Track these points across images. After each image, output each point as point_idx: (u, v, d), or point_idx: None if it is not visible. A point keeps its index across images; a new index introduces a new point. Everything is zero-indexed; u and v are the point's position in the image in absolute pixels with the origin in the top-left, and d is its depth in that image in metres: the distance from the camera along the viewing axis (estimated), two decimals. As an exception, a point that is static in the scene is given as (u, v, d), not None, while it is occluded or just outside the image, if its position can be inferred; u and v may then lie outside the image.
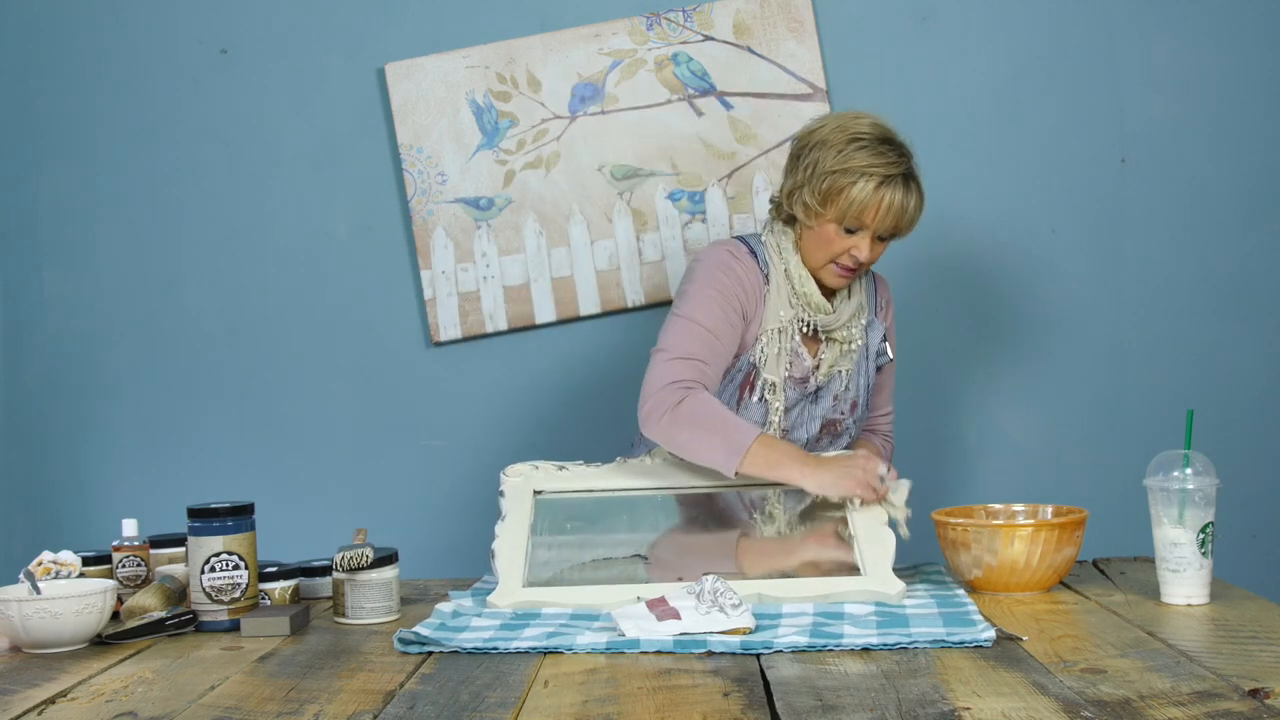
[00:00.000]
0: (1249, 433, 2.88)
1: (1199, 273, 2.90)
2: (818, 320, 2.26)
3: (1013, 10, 2.90)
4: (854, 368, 2.33)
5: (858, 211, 2.17)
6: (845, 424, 2.33)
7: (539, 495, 2.11)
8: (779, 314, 2.25)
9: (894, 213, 2.18)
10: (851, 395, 2.33)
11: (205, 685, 1.58)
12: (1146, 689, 1.43)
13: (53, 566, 1.95)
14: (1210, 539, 1.86)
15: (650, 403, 2.15)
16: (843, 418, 2.33)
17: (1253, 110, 2.89)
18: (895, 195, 2.17)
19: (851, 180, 2.16)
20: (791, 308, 2.26)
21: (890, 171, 2.17)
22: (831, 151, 2.18)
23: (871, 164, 2.16)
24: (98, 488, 2.99)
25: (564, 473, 2.14)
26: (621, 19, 2.91)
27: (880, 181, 2.16)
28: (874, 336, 2.36)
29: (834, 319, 2.28)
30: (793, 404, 2.28)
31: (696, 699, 1.44)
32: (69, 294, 3.00)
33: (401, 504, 2.95)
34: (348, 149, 2.96)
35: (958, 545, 1.97)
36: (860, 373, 2.34)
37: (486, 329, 2.93)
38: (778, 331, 2.25)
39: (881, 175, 2.16)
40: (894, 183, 2.17)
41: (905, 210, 2.19)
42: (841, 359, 2.31)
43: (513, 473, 2.13)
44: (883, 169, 2.16)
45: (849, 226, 2.19)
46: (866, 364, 2.35)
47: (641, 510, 2.16)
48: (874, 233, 2.20)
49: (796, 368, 2.27)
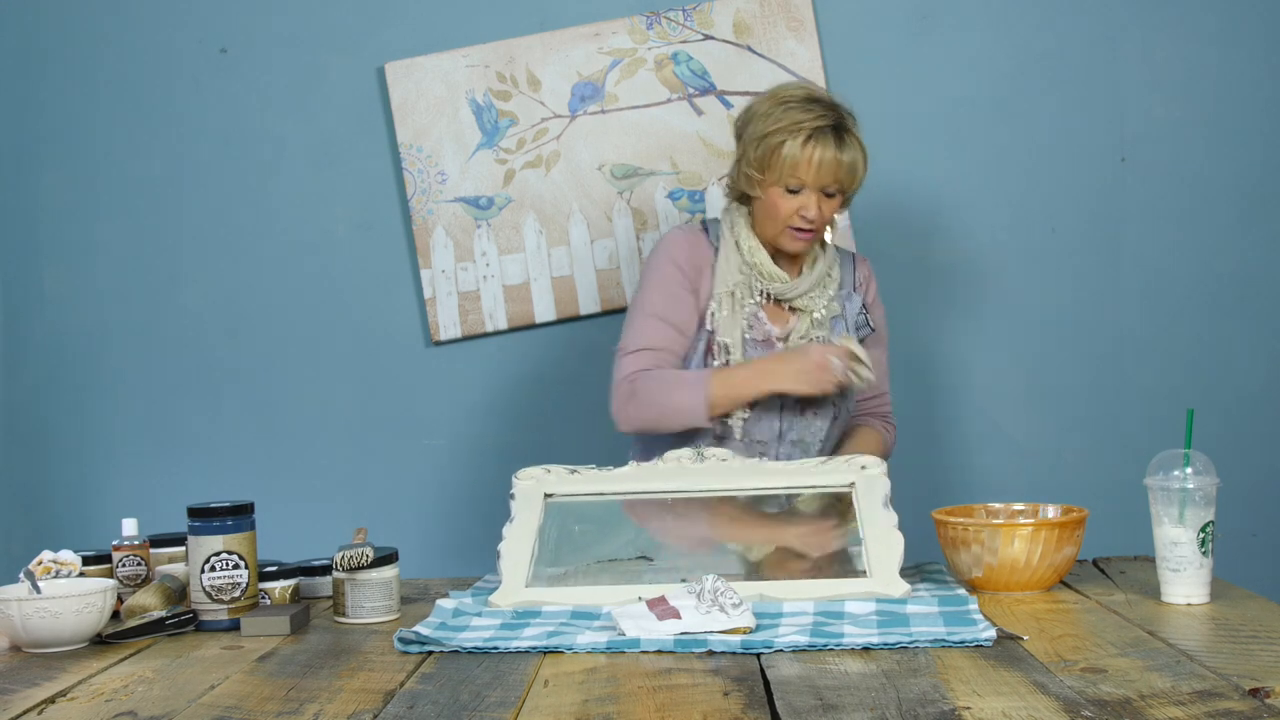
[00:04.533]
0: (1249, 433, 2.88)
1: (1198, 272, 2.90)
2: (772, 289, 2.33)
3: (1013, 10, 2.90)
4: (826, 337, 2.36)
5: (792, 168, 2.26)
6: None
7: (549, 499, 2.11)
8: (727, 279, 2.34)
9: (828, 165, 2.26)
10: None
11: (205, 685, 1.58)
12: (1147, 688, 1.43)
13: (53, 566, 1.95)
14: (1210, 538, 1.86)
15: (614, 403, 2.31)
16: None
17: (1253, 110, 2.89)
18: (826, 148, 2.26)
19: (781, 139, 2.26)
20: (741, 275, 2.34)
21: (818, 124, 2.25)
22: (763, 119, 2.29)
23: (799, 120, 2.26)
24: (98, 488, 2.99)
25: (576, 476, 2.14)
26: (621, 18, 2.91)
27: (808, 135, 2.25)
28: (851, 308, 2.41)
29: (790, 288, 2.34)
30: None
31: (697, 698, 1.44)
32: (69, 294, 3.00)
33: (401, 504, 2.95)
34: (347, 148, 2.96)
35: (958, 544, 1.97)
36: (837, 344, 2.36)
37: (486, 328, 2.93)
38: (729, 295, 2.33)
39: (809, 129, 2.25)
40: (823, 135, 2.26)
41: (840, 163, 2.27)
42: (814, 328, 2.36)
43: (524, 476, 2.13)
44: (810, 122, 2.25)
45: (790, 186, 2.28)
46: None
47: (650, 513, 2.15)
48: (817, 189, 2.28)
49: (757, 330, 2.34)
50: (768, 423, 2.33)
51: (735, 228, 2.36)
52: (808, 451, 2.36)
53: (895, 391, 2.57)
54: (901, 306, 2.90)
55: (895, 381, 2.59)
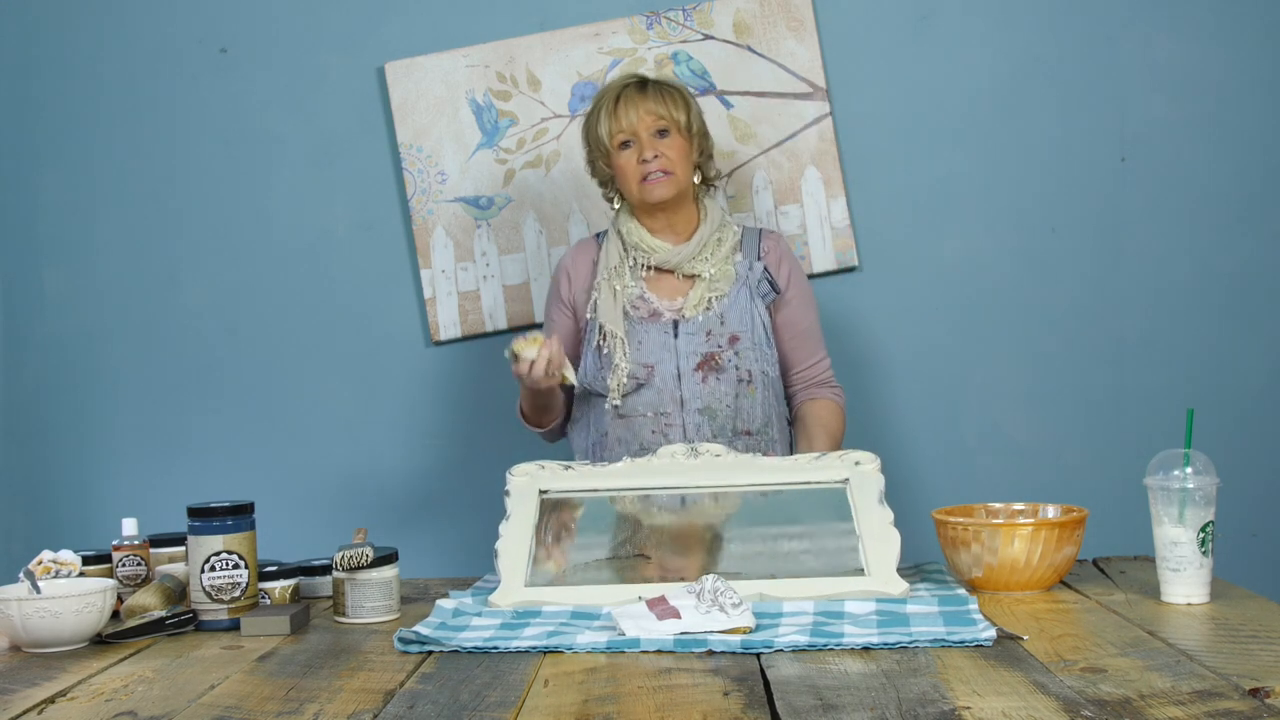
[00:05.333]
0: (1249, 432, 2.88)
1: (1199, 272, 2.90)
2: (654, 259, 2.45)
3: (1013, 10, 2.90)
4: (724, 300, 2.43)
5: (610, 127, 2.43)
6: (725, 357, 2.41)
7: (544, 495, 2.11)
8: (607, 264, 2.48)
9: (638, 106, 2.42)
10: (730, 330, 2.42)
11: (205, 684, 1.58)
12: (1147, 688, 1.43)
13: (53, 566, 1.95)
14: (1210, 538, 1.86)
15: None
16: (720, 350, 2.42)
17: (1253, 110, 2.89)
18: (631, 97, 2.43)
19: (598, 112, 2.46)
20: (620, 258, 2.47)
21: (623, 86, 2.46)
22: (588, 115, 2.51)
23: (604, 92, 2.48)
24: (98, 488, 2.99)
25: (570, 472, 2.13)
26: (621, 18, 2.91)
27: (615, 96, 2.45)
28: (753, 276, 2.47)
29: (673, 254, 2.45)
30: (650, 340, 2.42)
31: (696, 698, 1.44)
32: (69, 294, 3.00)
33: (401, 504, 2.95)
34: (347, 148, 2.96)
35: (958, 544, 1.97)
36: (738, 308, 2.44)
37: (486, 328, 2.93)
38: (606, 280, 2.46)
39: (615, 92, 2.45)
40: (626, 91, 2.45)
41: (647, 97, 2.43)
42: (709, 291, 2.44)
43: (518, 472, 2.12)
44: (614, 89, 2.46)
45: (621, 143, 2.44)
46: (751, 302, 2.45)
47: (647, 509, 2.15)
48: (646, 134, 2.42)
49: (642, 308, 2.45)
50: (669, 392, 2.41)
51: (617, 219, 2.51)
52: (715, 419, 2.41)
53: (895, 391, 2.57)
54: (901, 306, 2.91)
55: (896, 381, 2.59)
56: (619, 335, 2.42)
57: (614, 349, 2.42)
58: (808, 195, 2.89)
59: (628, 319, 2.44)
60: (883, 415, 2.90)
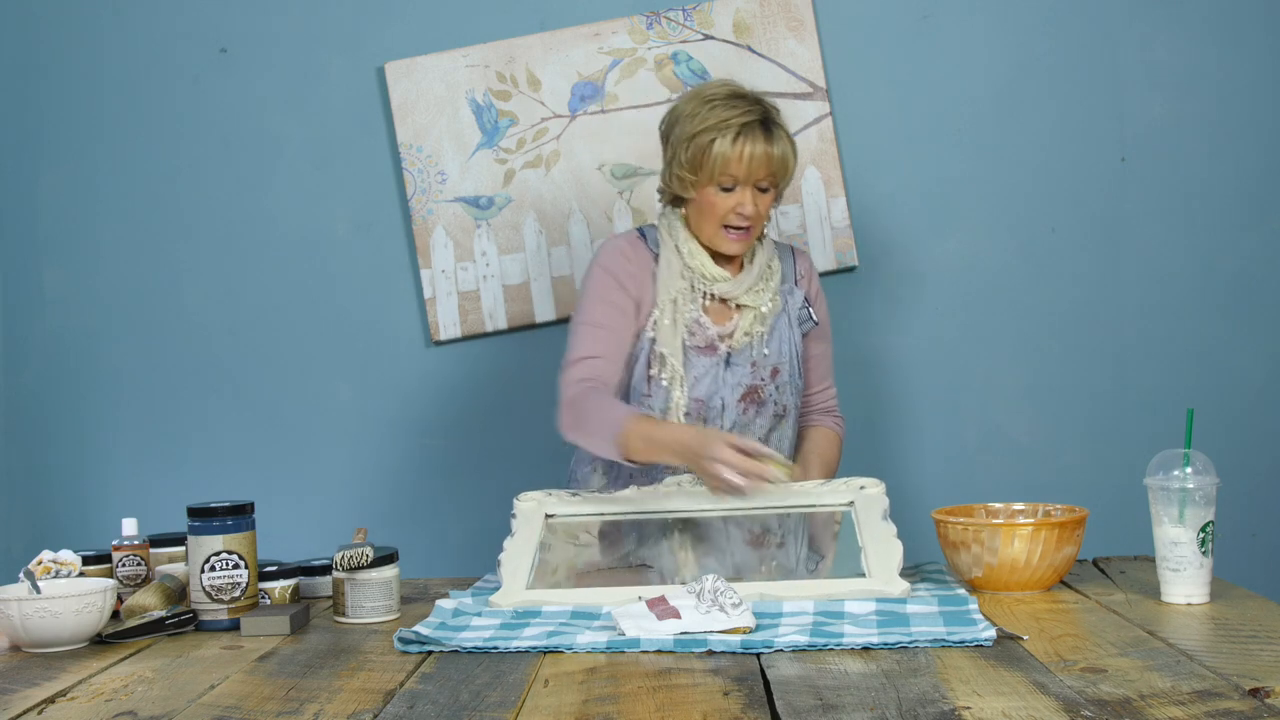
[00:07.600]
0: (1249, 432, 2.88)
1: (1199, 272, 2.90)
2: (716, 289, 2.32)
3: (1013, 10, 2.90)
4: (768, 332, 2.35)
5: (724, 165, 2.24)
6: (767, 390, 2.34)
7: (550, 519, 2.12)
8: (670, 287, 2.31)
9: (759, 159, 2.25)
10: (772, 361, 2.35)
11: (205, 684, 1.58)
12: (1147, 688, 1.43)
13: (53, 566, 1.95)
14: (1210, 538, 1.86)
15: (558, 412, 2.25)
16: (763, 384, 2.34)
17: (1253, 110, 2.89)
18: (756, 142, 2.25)
19: (711, 137, 2.24)
20: (684, 280, 2.32)
21: (745, 119, 2.25)
22: (690, 119, 2.28)
23: (725, 117, 2.25)
24: (98, 487, 2.99)
25: (576, 499, 2.14)
26: (621, 18, 2.91)
27: (737, 131, 2.24)
28: (793, 303, 2.40)
29: (735, 285, 2.32)
30: (704, 373, 2.30)
31: (696, 698, 1.44)
32: (69, 294, 3.00)
33: (401, 504, 2.95)
34: (347, 148, 2.96)
35: (958, 544, 1.97)
36: (779, 339, 2.36)
37: (486, 328, 2.93)
38: (671, 302, 2.31)
39: (738, 125, 2.24)
40: (751, 130, 2.25)
41: (771, 156, 2.26)
42: (756, 324, 2.34)
43: (526, 498, 2.13)
44: (738, 118, 2.25)
45: (723, 185, 2.26)
46: (790, 331, 2.38)
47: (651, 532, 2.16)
48: (750, 185, 2.26)
49: (699, 336, 2.32)
50: (711, 424, 2.32)
51: (673, 231, 2.34)
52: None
53: (895, 391, 2.57)
54: (901, 307, 2.91)
55: (896, 381, 2.59)
56: (679, 371, 2.30)
57: (672, 383, 2.29)
58: (808, 195, 2.89)
59: (683, 347, 2.32)
60: (883, 415, 2.90)
